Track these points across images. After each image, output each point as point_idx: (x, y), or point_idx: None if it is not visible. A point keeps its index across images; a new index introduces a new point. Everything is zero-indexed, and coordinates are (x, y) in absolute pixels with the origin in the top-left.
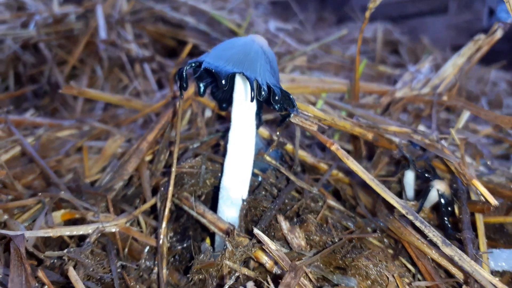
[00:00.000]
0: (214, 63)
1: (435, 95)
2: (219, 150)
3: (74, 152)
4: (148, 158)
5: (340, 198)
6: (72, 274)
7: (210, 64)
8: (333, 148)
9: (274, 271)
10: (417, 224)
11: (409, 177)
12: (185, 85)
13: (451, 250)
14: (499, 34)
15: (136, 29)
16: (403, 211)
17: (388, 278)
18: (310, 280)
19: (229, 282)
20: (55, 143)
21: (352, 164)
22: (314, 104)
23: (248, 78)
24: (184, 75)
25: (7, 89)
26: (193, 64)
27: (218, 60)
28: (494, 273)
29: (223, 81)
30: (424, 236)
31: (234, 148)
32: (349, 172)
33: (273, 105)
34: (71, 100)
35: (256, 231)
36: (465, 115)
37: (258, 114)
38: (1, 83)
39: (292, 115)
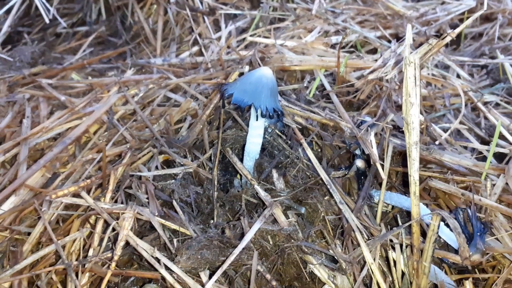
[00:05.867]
0: (239, 96)
1: (388, 88)
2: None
3: (160, 101)
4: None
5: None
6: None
7: (238, 100)
8: (302, 141)
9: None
10: (330, 190)
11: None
12: (224, 105)
13: (342, 206)
14: (447, 39)
15: None
16: (326, 183)
17: (320, 208)
18: (280, 210)
19: (243, 205)
20: (149, 92)
21: (309, 153)
22: (314, 79)
23: (255, 107)
24: (222, 101)
25: (100, 13)
26: (228, 95)
27: (242, 94)
28: (386, 205)
29: (245, 109)
30: None
31: (251, 135)
32: (321, 138)
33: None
34: (152, 38)
35: (255, 186)
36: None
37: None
38: (94, 8)
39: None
